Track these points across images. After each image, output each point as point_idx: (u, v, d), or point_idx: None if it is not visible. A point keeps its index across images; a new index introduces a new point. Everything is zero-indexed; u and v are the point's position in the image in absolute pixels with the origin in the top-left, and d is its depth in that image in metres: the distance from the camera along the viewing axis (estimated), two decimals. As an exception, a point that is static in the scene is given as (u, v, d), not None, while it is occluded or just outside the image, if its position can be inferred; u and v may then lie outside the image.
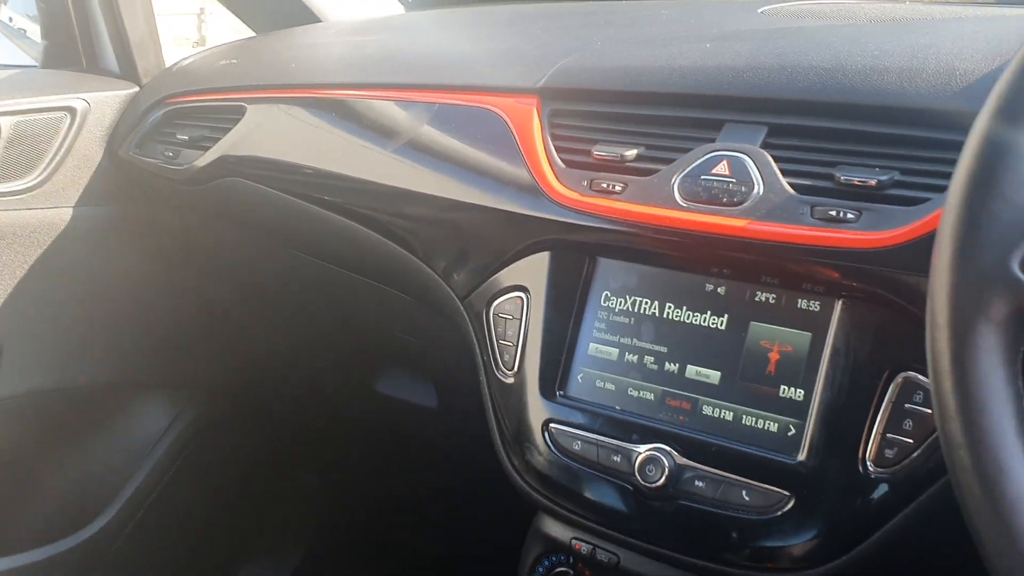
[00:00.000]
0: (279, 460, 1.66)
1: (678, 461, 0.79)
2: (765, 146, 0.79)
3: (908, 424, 0.71)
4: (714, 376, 0.80)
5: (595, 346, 0.87)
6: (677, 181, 0.81)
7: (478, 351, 0.94)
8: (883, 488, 0.71)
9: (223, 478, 1.59)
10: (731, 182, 0.79)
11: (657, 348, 0.83)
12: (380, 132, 1.03)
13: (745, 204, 0.77)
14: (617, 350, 0.85)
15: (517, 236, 0.90)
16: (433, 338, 1.13)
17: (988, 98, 0.50)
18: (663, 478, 0.78)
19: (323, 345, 1.39)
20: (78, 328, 1.33)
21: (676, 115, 0.86)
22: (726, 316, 0.81)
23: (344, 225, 1.09)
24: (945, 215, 0.49)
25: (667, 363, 0.83)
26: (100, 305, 1.34)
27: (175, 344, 1.45)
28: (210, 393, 1.52)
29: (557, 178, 0.88)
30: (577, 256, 0.88)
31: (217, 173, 1.19)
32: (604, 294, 0.87)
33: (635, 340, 0.84)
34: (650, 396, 0.83)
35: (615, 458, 0.82)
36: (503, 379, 0.90)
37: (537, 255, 0.90)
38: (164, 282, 1.39)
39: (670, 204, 0.81)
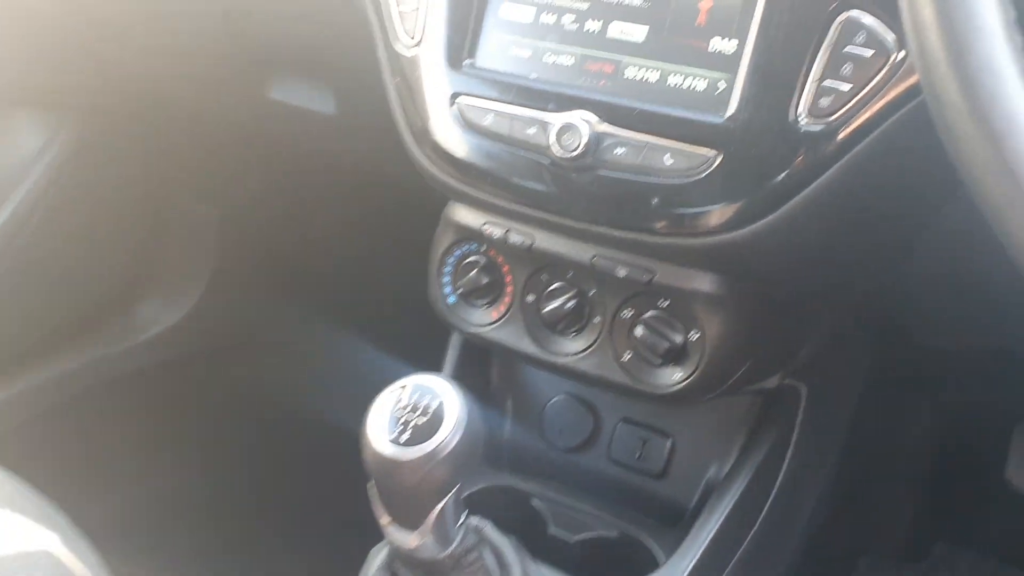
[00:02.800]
0: (168, 188, 1.54)
1: (597, 128, 0.72)
2: None
3: (847, 69, 0.65)
4: (639, 32, 0.72)
5: (507, 6, 0.77)
6: None
7: (376, 23, 0.83)
8: (816, 140, 0.66)
9: (106, 208, 1.47)
10: None
11: (577, 4, 0.74)
12: None
13: None
14: (533, 9, 0.76)
15: None
16: (327, 26, 1.01)
17: None
18: (581, 146, 0.71)
19: (206, 50, 1.24)
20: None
21: None
22: (655, -38, 0.71)
23: None
24: None
25: (588, 20, 0.74)
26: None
27: (45, 58, 1.28)
28: (86, 113, 1.37)
29: None
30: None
31: None
32: (505, 5, 0.76)
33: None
34: (569, 60, 0.75)
35: (530, 130, 0.75)
36: (404, 52, 0.80)
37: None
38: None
39: None
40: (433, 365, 1.01)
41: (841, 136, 0.66)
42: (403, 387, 0.61)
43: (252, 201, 1.57)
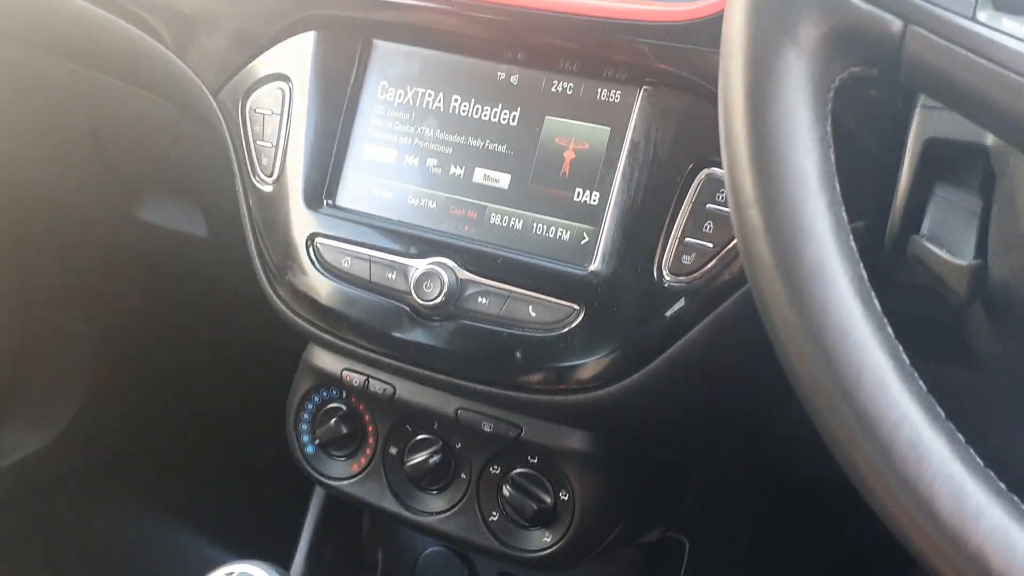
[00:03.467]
0: (39, 304, 1.45)
1: (459, 275, 0.68)
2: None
3: (708, 227, 0.63)
4: (504, 180, 0.70)
5: (370, 147, 0.73)
6: (465, -56, 0.67)
7: (234, 156, 0.79)
8: (679, 298, 0.64)
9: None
10: (529, -52, 0.66)
11: (441, 148, 0.71)
12: None
13: (541, -27, 0.65)
14: (396, 151, 0.73)
15: (273, 9, 0.74)
16: (194, 149, 0.96)
17: None
18: (442, 294, 0.67)
19: (74, 168, 1.18)
20: None
21: None
22: (519, 110, 0.69)
23: (82, 10, 0.88)
24: None
25: (452, 166, 0.71)
26: None
27: None
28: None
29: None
30: (348, 37, 0.74)
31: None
32: (381, 84, 0.73)
33: (416, 140, 0.72)
34: (432, 204, 0.72)
35: (390, 275, 0.70)
36: (262, 187, 0.76)
37: (301, 36, 0.74)
38: None
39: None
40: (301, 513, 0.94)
41: (705, 294, 0.63)
42: None
43: (132, 320, 1.48)
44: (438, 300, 0.68)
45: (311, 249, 0.73)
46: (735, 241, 0.61)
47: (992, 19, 0.36)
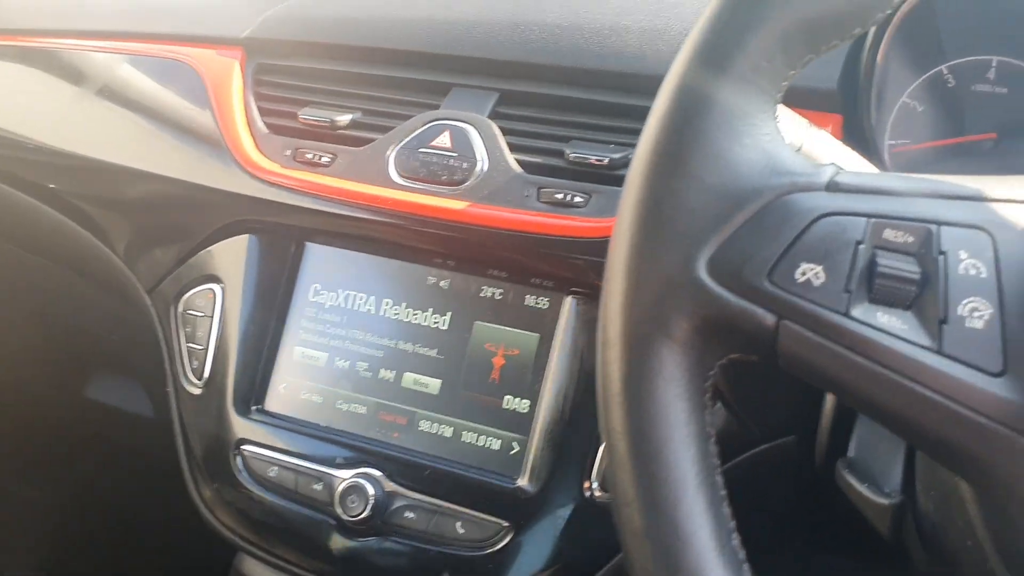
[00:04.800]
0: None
1: (386, 488, 0.66)
2: (494, 115, 0.68)
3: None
4: (434, 385, 0.68)
5: (301, 350, 0.72)
6: (393, 153, 0.68)
7: (166, 355, 0.77)
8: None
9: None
10: (452, 157, 0.66)
11: (372, 352, 0.70)
12: (51, 87, 0.84)
13: (467, 183, 0.65)
14: (326, 354, 0.71)
15: (208, 214, 0.74)
16: (135, 337, 0.95)
17: (676, 61, 0.39)
18: (367, 510, 0.65)
19: (20, 347, 1.16)
20: None
21: (398, 76, 0.72)
22: (449, 314, 0.68)
23: (18, 199, 0.88)
24: (623, 198, 0.39)
25: (382, 370, 0.69)
26: None
27: None
28: None
29: (256, 146, 0.73)
30: (281, 241, 0.73)
31: None
32: (313, 287, 0.72)
33: (347, 343, 0.71)
34: (361, 409, 0.70)
35: (316, 486, 0.68)
36: (191, 389, 0.74)
37: (234, 239, 0.74)
38: None
39: (384, 181, 0.68)
40: None
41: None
42: None
43: (83, 492, 1.43)
44: (363, 515, 0.65)
45: (238, 457, 0.71)
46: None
47: (867, 314, 0.35)
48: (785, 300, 0.36)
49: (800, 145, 0.46)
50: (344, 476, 0.67)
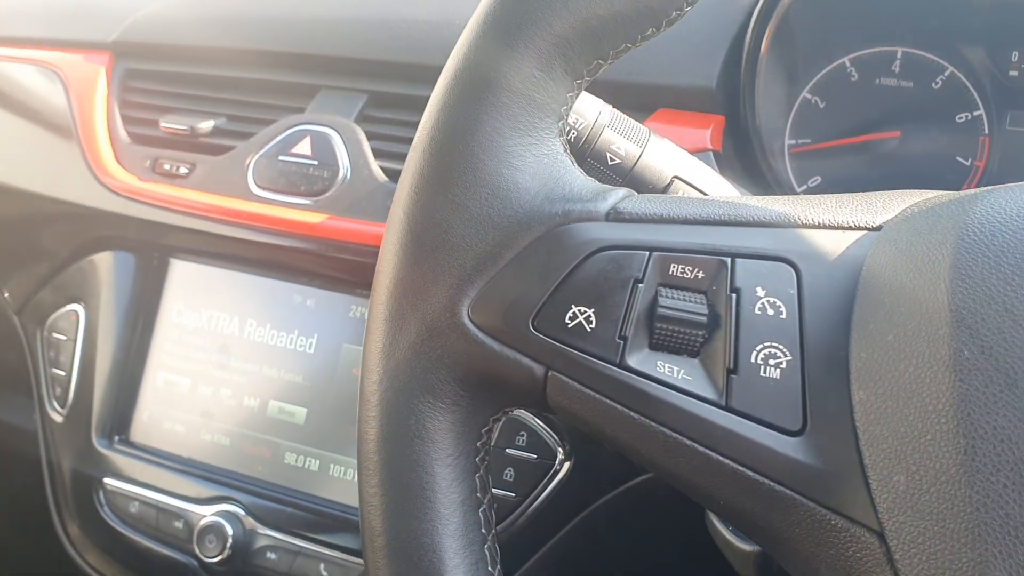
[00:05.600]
0: None
1: (247, 526, 0.61)
2: (362, 119, 0.62)
3: (509, 474, 0.56)
4: (300, 414, 0.63)
5: (164, 375, 0.67)
6: (252, 162, 0.63)
7: (33, 382, 0.72)
8: (478, 558, 0.56)
9: None
10: (312, 165, 0.61)
11: (235, 378, 0.65)
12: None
13: (327, 194, 0.60)
14: (189, 380, 0.66)
15: (67, 230, 0.69)
16: (6, 362, 0.89)
17: (443, 73, 0.33)
18: (226, 550, 0.60)
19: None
20: None
21: (265, 78, 0.67)
22: (316, 336, 0.63)
23: None
24: (386, 230, 0.33)
25: (246, 398, 0.64)
26: None
27: None
28: None
29: (116, 157, 0.68)
30: (144, 258, 0.68)
31: None
32: (177, 308, 0.67)
33: (210, 368, 0.66)
34: (225, 441, 0.65)
35: (176, 523, 0.63)
36: (55, 418, 0.69)
37: (96, 256, 0.69)
38: None
39: (242, 192, 0.63)
40: None
41: (513, 547, 0.55)
42: None
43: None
44: (223, 556, 0.60)
45: (100, 492, 0.66)
46: (541, 490, 0.55)
47: (645, 363, 0.30)
48: (552, 348, 0.30)
49: (624, 161, 0.41)
50: (204, 513, 0.62)
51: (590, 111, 0.42)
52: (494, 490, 0.56)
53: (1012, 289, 0.25)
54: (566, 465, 0.55)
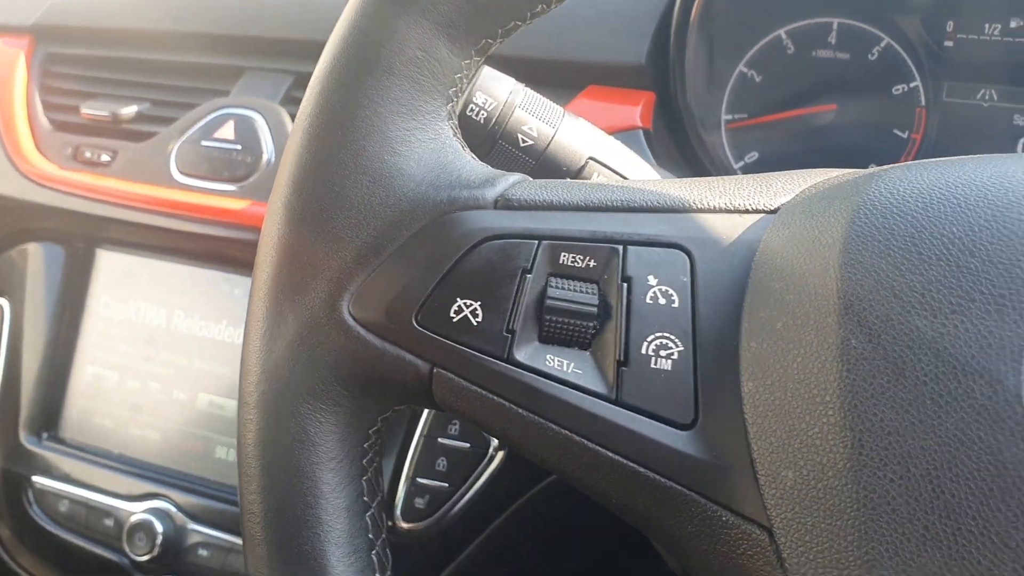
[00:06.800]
0: None
1: (178, 523, 0.59)
2: (287, 101, 0.60)
3: (442, 464, 0.54)
4: (230, 407, 0.61)
5: (93, 369, 0.65)
6: (175, 148, 0.61)
7: (-40, 379, 0.70)
8: (413, 550, 0.55)
9: None
10: (236, 150, 0.59)
11: (164, 371, 0.63)
12: None
13: (251, 179, 0.58)
14: (118, 374, 0.64)
15: (-14, 222, 0.67)
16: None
17: (324, 52, 0.31)
18: (156, 548, 0.58)
19: None
20: None
21: (189, 61, 0.65)
22: (244, 327, 0.61)
23: None
24: (265, 220, 0.31)
25: (175, 391, 0.63)
26: None
27: None
28: None
29: (37, 145, 0.65)
30: (69, 249, 0.66)
31: None
32: (104, 300, 0.65)
33: (138, 361, 0.64)
34: (155, 436, 0.63)
35: (106, 522, 0.61)
36: (-18, 416, 0.67)
37: (20, 248, 0.67)
38: None
39: (164, 179, 0.61)
40: None
41: (442, 542, 0.54)
42: None
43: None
44: (152, 555, 0.58)
45: (29, 491, 0.64)
46: (475, 479, 0.54)
47: (533, 357, 0.28)
48: (437, 344, 0.29)
49: (537, 142, 0.39)
50: (134, 510, 0.60)
51: (501, 91, 0.41)
52: (428, 481, 0.55)
53: (901, 274, 0.24)
54: (500, 454, 0.53)
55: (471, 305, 0.29)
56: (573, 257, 0.29)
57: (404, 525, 0.55)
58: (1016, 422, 0.22)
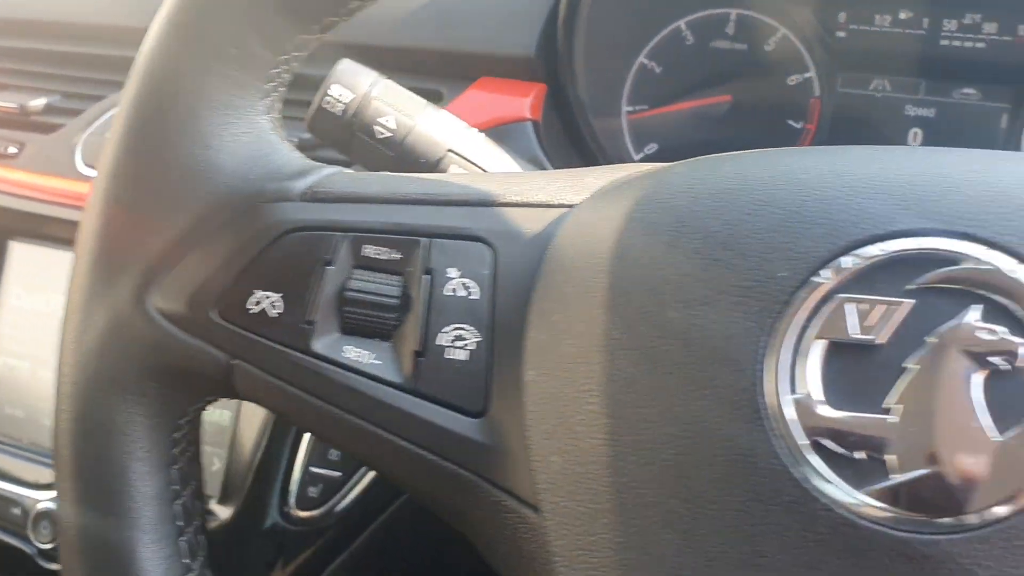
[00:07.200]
0: None
1: (84, 512, 0.60)
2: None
3: (335, 453, 0.55)
4: (137, 396, 0.62)
5: (4, 360, 0.65)
6: (81, 141, 0.61)
7: None
8: (308, 538, 0.55)
9: None
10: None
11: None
12: None
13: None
14: (29, 364, 0.65)
15: None
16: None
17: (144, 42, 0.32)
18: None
19: None
20: None
21: (99, 52, 0.65)
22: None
23: None
24: (84, 212, 0.32)
25: (86, 381, 0.63)
26: None
27: None
28: None
29: (-54, 137, 0.66)
30: (-18, 241, 0.66)
31: None
32: (16, 292, 0.66)
33: (51, 352, 0.64)
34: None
35: (14, 511, 0.62)
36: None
37: (-67, 240, 0.67)
38: None
39: (69, 171, 0.61)
40: None
41: (336, 531, 0.55)
42: None
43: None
44: (56, 543, 0.59)
45: (-60, 480, 0.65)
46: (368, 470, 0.54)
47: (332, 348, 0.29)
48: (236, 336, 0.29)
49: (396, 134, 0.40)
50: (40, 499, 0.61)
51: (361, 84, 0.41)
52: (321, 470, 0.55)
53: (660, 267, 0.25)
54: (394, 442, 0.54)
55: (270, 297, 0.29)
56: (377, 250, 0.29)
57: (299, 514, 0.56)
58: (752, 410, 0.22)
